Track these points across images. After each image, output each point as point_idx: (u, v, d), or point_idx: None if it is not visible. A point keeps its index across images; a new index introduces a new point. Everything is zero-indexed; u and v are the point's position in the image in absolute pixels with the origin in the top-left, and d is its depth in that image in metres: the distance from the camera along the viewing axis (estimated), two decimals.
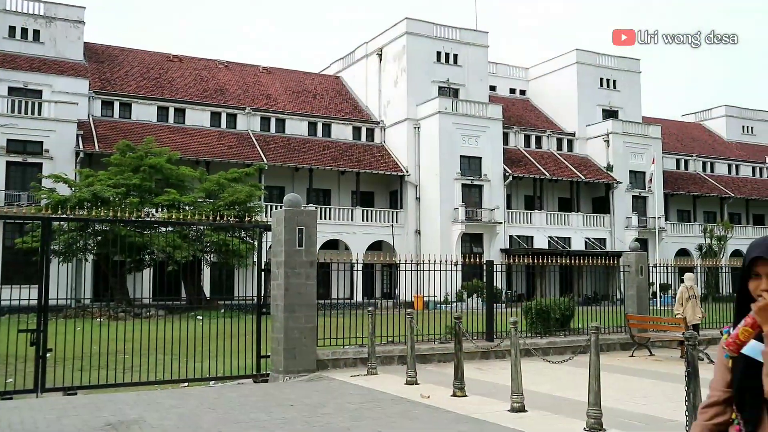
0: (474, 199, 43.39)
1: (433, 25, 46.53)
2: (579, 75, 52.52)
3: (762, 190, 59.06)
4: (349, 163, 43.40)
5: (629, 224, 48.63)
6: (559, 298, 16.99)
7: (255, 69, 49.58)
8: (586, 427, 7.60)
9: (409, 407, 9.13)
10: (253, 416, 8.60)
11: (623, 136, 50.23)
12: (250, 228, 24.94)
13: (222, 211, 28.92)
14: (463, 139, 43.42)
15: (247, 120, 43.76)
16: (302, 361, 11.95)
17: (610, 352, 15.64)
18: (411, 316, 11.72)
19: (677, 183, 54.50)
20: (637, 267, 16.99)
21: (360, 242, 41.24)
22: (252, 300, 13.23)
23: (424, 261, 14.91)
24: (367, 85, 49.25)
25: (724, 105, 66.86)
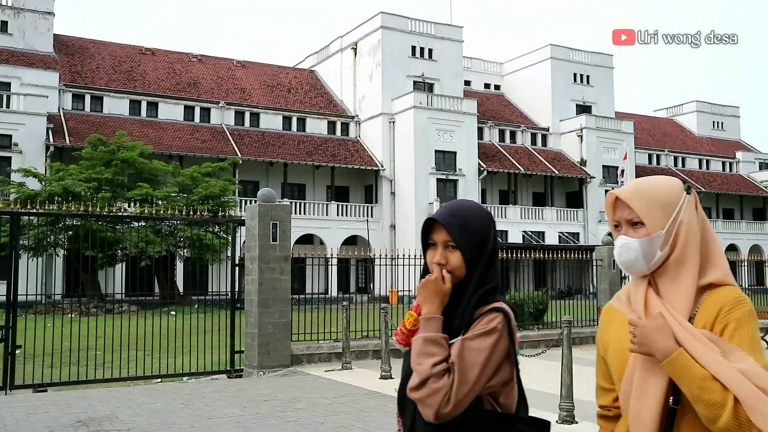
0: (449, 194, 43.48)
1: (408, 19, 46.51)
2: (553, 70, 52.85)
3: (731, 184, 59.94)
4: (324, 158, 43.28)
5: (602, 219, 49.06)
6: (533, 292, 17.11)
7: (229, 62, 49.21)
8: (559, 420, 7.66)
9: (383, 402, 9.14)
10: (226, 412, 8.55)
11: (596, 131, 50.67)
12: (223, 223, 24.80)
13: (196, 205, 28.65)
14: (438, 133, 43.51)
15: (221, 114, 43.45)
16: (276, 357, 11.91)
17: (583, 346, 15.76)
18: (385, 310, 11.73)
19: None
20: (609, 261, 17.14)
21: (335, 237, 41.19)
22: (226, 295, 13.16)
23: (399, 256, 14.93)
24: (342, 80, 49.13)
25: (695, 101, 67.71)
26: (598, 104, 53.85)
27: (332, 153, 44.09)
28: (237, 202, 36.11)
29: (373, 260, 16.21)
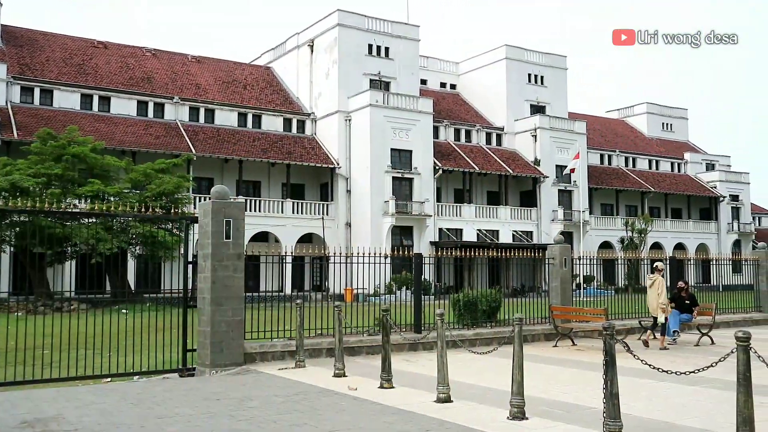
0: (404, 192, 43.65)
1: (365, 17, 46.50)
2: (508, 70, 53.38)
3: (680, 185, 61.38)
4: (280, 155, 43.04)
5: (555, 217, 49.81)
6: (486, 290, 17.27)
7: (184, 58, 48.56)
8: (510, 416, 7.77)
9: (336, 399, 9.15)
10: (177, 411, 8.47)
11: (550, 131, 51.37)
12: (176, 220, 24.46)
13: (148, 202, 28.29)
14: (393, 132, 43.60)
15: (175, 110, 42.87)
16: (229, 355, 11.83)
17: (535, 343, 16.02)
18: (339, 308, 11.74)
19: (601, 177, 56.09)
20: (561, 259, 17.42)
21: (290, 235, 41.01)
22: (178, 293, 13.02)
23: (354, 254, 14.95)
24: (298, 77, 48.89)
25: (646, 102, 69.15)
26: (552, 105, 54.60)
27: (288, 150, 43.86)
28: (191, 199, 35.74)
29: (328, 258, 16.19)
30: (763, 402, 8.28)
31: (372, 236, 40.76)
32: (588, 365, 12.23)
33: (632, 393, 9.15)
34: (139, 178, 32.16)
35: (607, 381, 6.60)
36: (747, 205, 64.10)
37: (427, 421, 7.79)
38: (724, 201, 61.96)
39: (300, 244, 40.50)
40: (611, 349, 6.64)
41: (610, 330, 6.73)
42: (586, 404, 8.62)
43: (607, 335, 6.71)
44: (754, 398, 5.88)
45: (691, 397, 9.14)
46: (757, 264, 21.76)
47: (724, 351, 6.67)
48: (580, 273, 36.77)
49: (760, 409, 7.39)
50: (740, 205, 63.24)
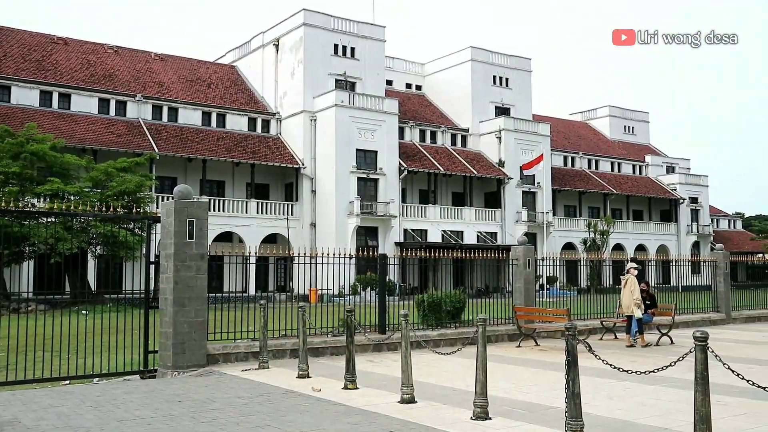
0: (369, 193, 43.65)
1: (331, 17, 46.40)
2: (473, 72, 53.72)
3: (641, 187, 62.35)
4: (244, 155, 42.73)
5: (519, 218, 50.23)
6: (451, 291, 17.33)
7: (147, 55, 47.94)
8: (473, 416, 7.79)
9: (300, 401, 9.10)
10: (137, 413, 8.34)
11: (514, 132, 51.81)
12: (138, 219, 24.13)
13: (110, 201, 27.84)
14: (359, 132, 43.58)
15: (138, 108, 42.31)
16: (192, 356, 11.70)
17: (499, 343, 16.12)
18: (303, 309, 11.68)
19: (564, 179, 56.72)
20: (524, 260, 17.55)
21: (254, 235, 40.77)
22: (140, 294, 12.83)
23: (318, 254, 14.88)
24: (263, 76, 48.61)
25: (608, 105, 70.12)
26: (516, 107, 55.07)
27: (252, 150, 43.57)
28: (153, 198, 35.31)
29: (292, 259, 16.11)
30: (720, 400, 8.44)
31: (337, 237, 40.69)
32: (550, 365, 12.34)
33: (594, 392, 9.25)
34: (100, 176, 31.66)
35: (569, 381, 6.65)
36: (706, 207, 65.36)
37: (390, 421, 7.78)
38: (684, 203, 63.09)
39: (264, 245, 40.27)
40: (573, 349, 6.70)
41: (572, 330, 6.79)
42: (549, 404, 8.69)
43: (569, 335, 6.77)
44: (711, 397, 5.98)
45: (650, 396, 9.27)
46: (715, 265, 22.18)
47: (683, 351, 6.78)
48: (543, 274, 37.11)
49: (717, 407, 7.53)
50: (699, 207, 64.46)
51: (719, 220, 70.82)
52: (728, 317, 21.76)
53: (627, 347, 15.23)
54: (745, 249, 62.66)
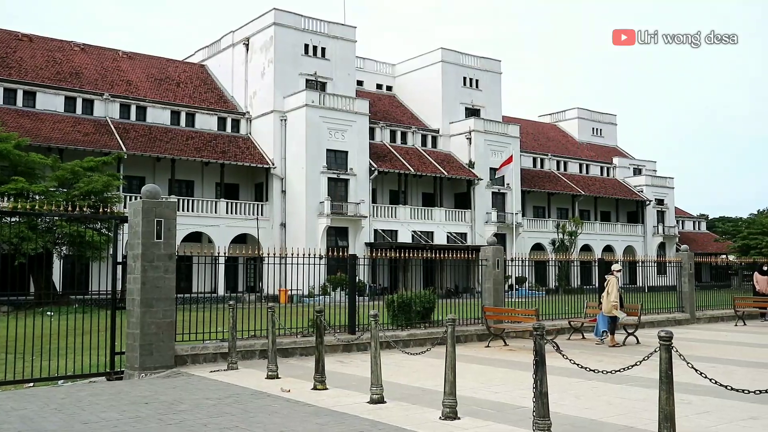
0: (340, 193, 43.60)
1: (302, 17, 46.26)
2: (443, 73, 53.92)
3: (609, 188, 63.09)
4: (214, 154, 42.41)
5: (489, 219, 50.53)
6: (421, 291, 17.37)
7: (114, 53, 47.36)
8: (442, 416, 7.83)
9: (269, 402, 9.06)
10: (103, 416, 8.24)
11: (484, 134, 52.10)
12: (105, 219, 23.84)
13: (76, 201, 27.43)
14: (329, 132, 43.51)
15: (105, 106, 41.77)
16: (159, 357, 11.59)
17: (468, 343, 16.20)
18: (272, 309, 11.64)
19: (534, 180, 57.18)
20: (494, 261, 17.65)
21: (224, 235, 40.50)
22: (107, 295, 12.67)
23: (288, 254, 14.83)
24: (233, 75, 48.30)
25: (577, 107, 70.84)
26: (487, 108, 55.40)
27: (222, 150, 43.27)
28: (121, 198, 34.87)
29: (262, 259, 16.04)
30: (684, 399, 8.58)
31: (307, 237, 40.58)
32: (519, 365, 12.43)
33: (561, 392, 9.35)
34: (66, 176, 31.19)
35: (537, 380, 6.71)
36: (671, 208, 66.35)
37: (360, 422, 7.78)
38: (650, 205, 63.97)
39: (234, 245, 40.04)
40: (541, 349, 6.76)
41: (540, 330, 6.85)
42: (517, 403, 8.76)
43: (536, 336, 6.83)
44: (676, 395, 6.08)
45: (617, 395, 9.39)
46: (680, 266, 22.52)
47: (648, 350, 6.88)
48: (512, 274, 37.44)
49: (681, 405, 7.65)
50: (665, 208, 65.40)
51: (684, 221, 71.92)
52: (693, 317, 22.12)
53: (610, 347, 15.39)
54: (709, 250, 63.74)
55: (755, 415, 8.04)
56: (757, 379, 10.55)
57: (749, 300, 23.76)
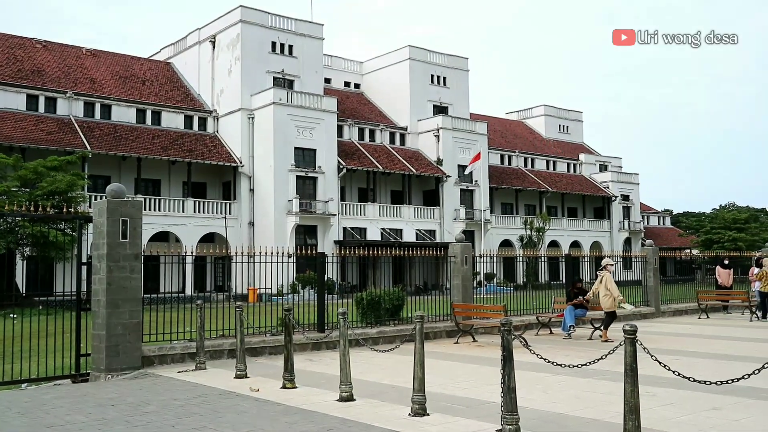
0: (308, 191, 43.47)
1: (268, 14, 45.99)
2: (411, 71, 54.01)
3: (575, 185, 63.75)
4: (180, 153, 41.99)
5: (457, 216, 50.76)
6: (390, 289, 17.39)
7: (77, 50, 46.63)
8: (411, 413, 7.85)
9: (237, 401, 9.01)
10: (68, 419, 8.12)
11: (452, 131, 52.32)
12: (69, 219, 23.47)
13: (39, 201, 26.98)
14: (297, 130, 43.34)
15: (69, 105, 41.12)
16: (126, 358, 11.45)
17: (437, 340, 16.26)
18: (240, 308, 11.57)
19: (501, 177, 57.57)
20: (462, 257, 17.73)
21: (191, 234, 40.14)
22: (71, 296, 12.48)
23: (257, 253, 14.76)
24: (199, 73, 47.86)
25: (543, 105, 71.45)
26: (454, 105, 55.62)
27: (189, 148, 42.86)
28: (86, 197, 34.40)
29: (230, 258, 15.93)
30: (649, 391, 8.71)
31: (276, 235, 40.39)
32: (488, 361, 12.50)
33: (529, 387, 9.42)
34: (29, 175, 30.69)
35: (505, 375, 6.77)
36: (637, 204, 67.28)
37: (329, 420, 7.77)
38: (616, 201, 64.79)
39: (202, 244, 39.71)
40: (508, 344, 6.81)
41: (507, 326, 6.91)
42: (486, 399, 8.81)
43: (504, 331, 6.88)
44: (641, 388, 6.17)
45: (584, 389, 9.49)
46: (645, 261, 22.85)
47: (614, 344, 6.97)
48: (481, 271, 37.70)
49: (646, 398, 7.77)
50: (631, 204, 66.29)
51: (649, 217, 72.97)
52: (658, 311, 22.46)
53: (603, 342, 15.40)
54: (673, 245, 64.80)
55: (717, 406, 8.20)
56: (719, 370, 10.75)
57: (712, 293, 24.18)
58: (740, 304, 23.11)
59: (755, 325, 19.51)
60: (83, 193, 34.22)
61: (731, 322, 20.73)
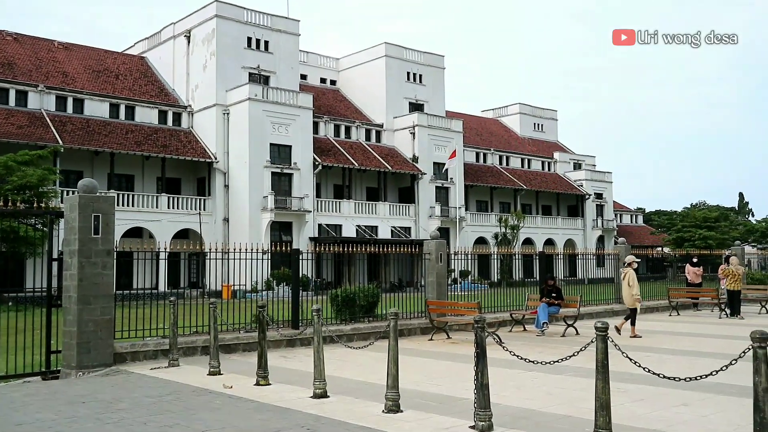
0: (283, 188, 43.32)
1: (244, 9, 45.69)
2: (387, 68, 53.99)
3: (550, 183, 64.19)
4: (155, 148, 41.59)
5: (432, 213, 50.88)
6: (365, 286, 17.39)
7: (49, 44, 45.97)
8: (385, 410, 7.87)
9: (210, 398, 8.97)
10: (38, 416, 8.02)
11: (428, 128, 52.41)
12: (40, 214, 23.18)
13: (10, 195, 26.60)
14: (273, 126, 43.15)
15: (40, 98, 40.52)
16: (97, 355, 11.35)
17: (412, 337, 16.30)
18: (214, 305, 11.52)
19: (477, 175, 57.78)
20: (437, 254, 17.79)
21: (166, 230, 39.78)
22: (42, 292, 12.33)
23: (231, 249, 14.69)
24: (174, 68, 47.44)
25: (518, 103, 71.81)
26: (430, 103, 55.71)
27: (163, 143, 42.47)
28: (58, 192, 33.94)
29: (205, 254, 15.83)
30: (620, 387, 8.81)
31: (251, 232, 40.20)
32: (462, 357, 12.56)
33: (502, 383, 9.49)
34: None
35: (478, 372, 6.81)
36: (610, 202, 67.91)
37: (302, 417, 7.77)
38: (590, 199, 65.34)
39: (176, 240, 39.42)
40: (482, 341, 6.86)
41: (481, 323, 6.95)
42: (459, 395, 8.86)
43: (477, 328, 6.92)
44: (613, 384, 6.25)
45: (556, 385, 9.58)
46: (618, 258, 23.07)
47: (587, 341, 7.04)
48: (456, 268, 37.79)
49: (617, 394, 7.86)
50: (604, 202, 66.90)
51: (622, 215, 73.69)
52: None
53: (631, 338, 15.37)
54: (645, 243, 65.53)
55: (686, 402, 8.32)
56: (688, 367, 10.90)
57: (682, 291, 24.50)
58: (710, 302, 23.44)
59: (724, 322, 19.82)
60: (55, 188, 33.78)
61: (701, 319, 21.03)
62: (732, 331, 17.08)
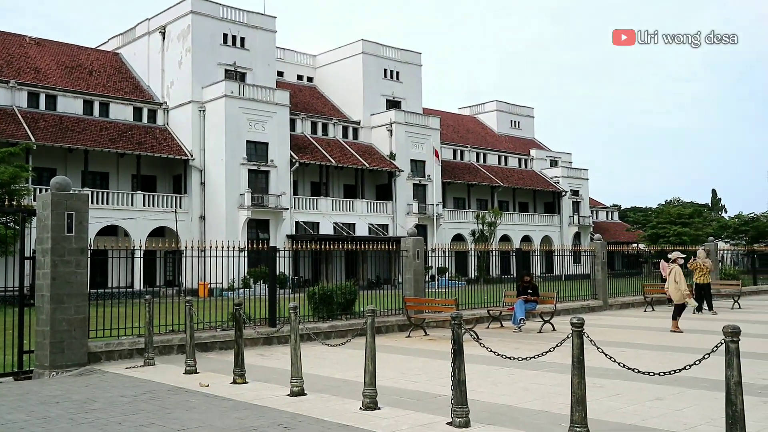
0: (260, 185, 43.11)
1: (220, 5, 45.37)
2: (364, 65, 53.92)
3: (526, 180, 64.55)
4: (129, 146, 41.18)
5: (410, 211, 50.93)
6: (343, 283, 17.37)
7: (21, 39, 45.32)
8: (362, 407, 7.85)
9: (187, 397, 8.90)
10: (9, 417, 7.91)
11: (405, 126, 52.42)
12: (11, 212, 22.84)
13: None
14: (249, 123, 42.92)
15: (12, 94, 39.93)
16: (71, 355, 11.22)
17: (389, 334, 16.30)
18: (191, 303, 11.43)
19: (454, 172, 57.93)
20: (414, 252, 17.79)
21: (141, 228, 39.45)
22: (14, 291, 12.17)
23: (208, 247, 14.59)
24: (149, 64, 46.99)
25: (495, 100, 72.10)
26: (407, 100, 55.75)
27: (138, 141, 42.06)
28: (30, 190, 33.50)
29: (181, 252, 15.71)
30: (596, 383, 8.88)
31: (227, 230, 39.97)
32: (439, 354, 12.58)
33: (479, 379, 9.51)
34: None
35: (455, 369, 6.82)
36: (586, 199, 68.44)
37: (279, 415, 7.73)
38: (566, 196, 65.80)
39: (151, 238, 39.06)
40: (458, 338, 6.87)
41: (458, 320, 6.96)
42: (436, 392, 8.87)
43: (454, 325, 6.93)
44: (589, 379, 6.28)
45: (533, 381, 9.63)
46: (594, 255, 23.26)
47: (563, 336, 7.07)
48: (433, 265, 37.91)
49: (593, 389, 7.92)
50: (580, 199, 67.41)
51: (598, 211, 74.29)
52: (605, 304, 22.89)
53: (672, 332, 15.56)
54: (621, 239, 66.14)
55: (661, 396, 8.40)
56: (663, 361, 11.01)
57: (657, 287, 24.73)
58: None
59: (697, 317, 20.04)
60: (27, 185, 33.35)
61: None
62: (704, 325, 17.28)
